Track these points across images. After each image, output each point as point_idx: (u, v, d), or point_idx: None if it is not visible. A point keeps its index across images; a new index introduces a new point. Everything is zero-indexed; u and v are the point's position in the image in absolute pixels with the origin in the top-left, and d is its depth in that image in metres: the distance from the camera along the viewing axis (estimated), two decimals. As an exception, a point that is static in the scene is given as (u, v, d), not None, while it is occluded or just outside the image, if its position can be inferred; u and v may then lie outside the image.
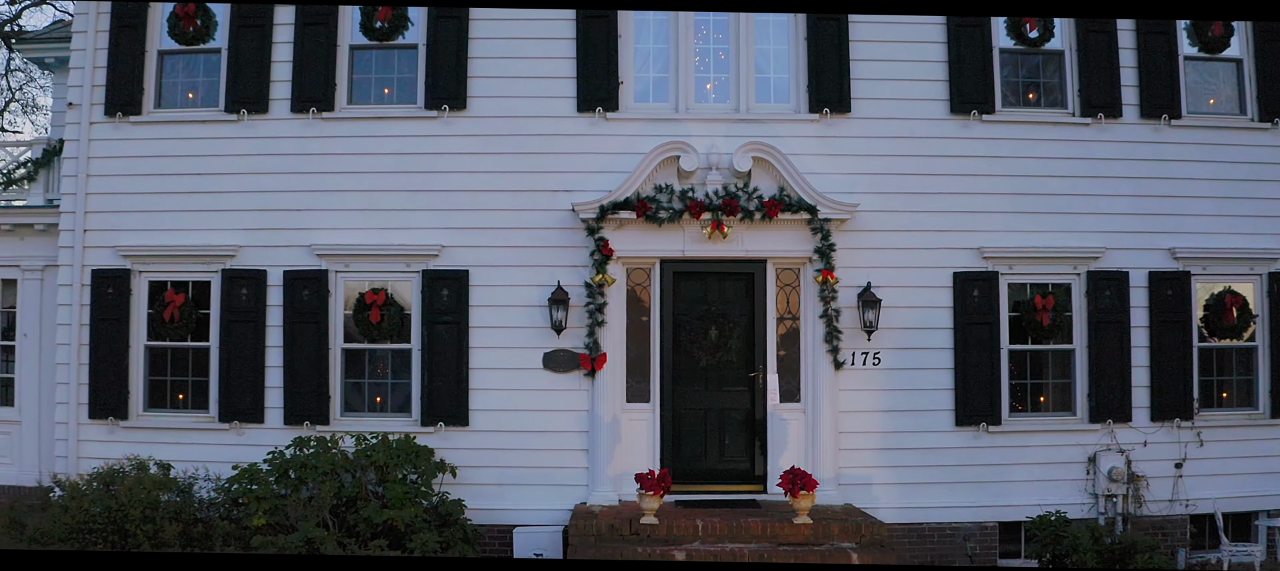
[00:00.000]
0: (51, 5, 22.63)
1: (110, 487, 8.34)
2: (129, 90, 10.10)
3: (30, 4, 22.72)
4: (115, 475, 8.51)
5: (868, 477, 9.47)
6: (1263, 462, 10.13)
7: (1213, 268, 10.24)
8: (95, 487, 8.41)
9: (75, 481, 8.63)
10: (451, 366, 9.58)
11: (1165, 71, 10.26)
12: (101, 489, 8.35)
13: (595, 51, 9.80)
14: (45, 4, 22.82)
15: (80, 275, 9.99)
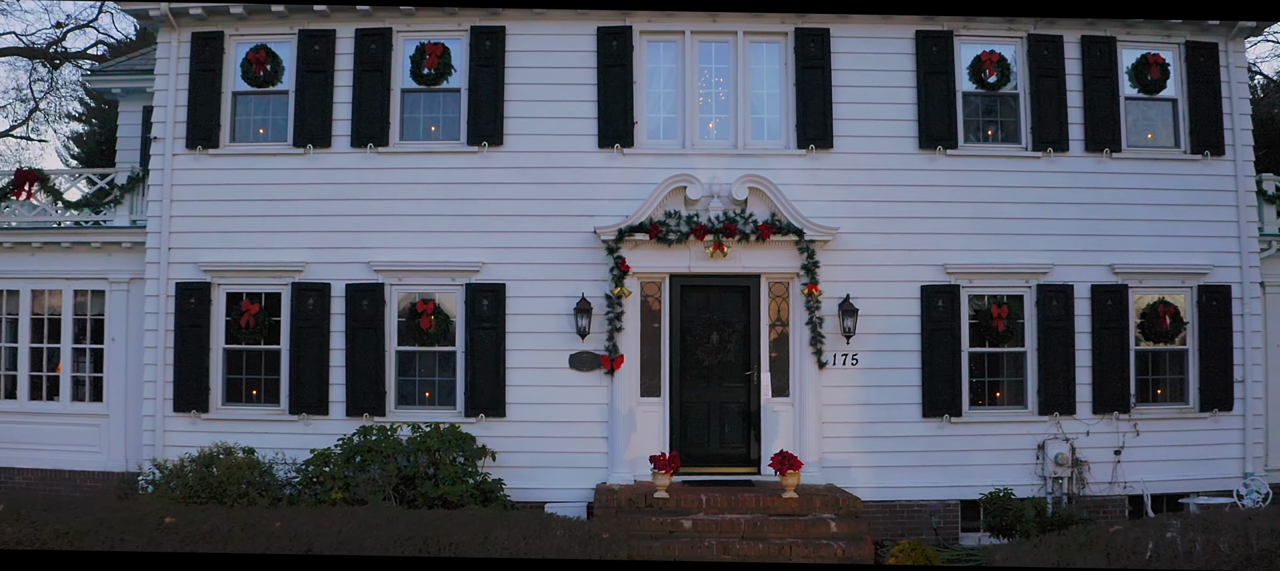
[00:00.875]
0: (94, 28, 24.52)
1: (209, 467, 10.23)
2: (207, 126, 12.01)
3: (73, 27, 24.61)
4: (212, 457, 10.42)
5: (847, 461, 11.40)
6: (1192, 450, 12.06)
7: (1148, 281, 12.18)
8: (194, 467, 10.30)
9: (178, 462, 10.51)
10: (491, 366, 11.50)
11: (1108, 110, 12.21)
12: (201, 468, 10.25)
13: (613, 95, 11.74)
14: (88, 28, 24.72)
15: (165, 287, 11.90)
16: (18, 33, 38.83)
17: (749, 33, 11.93)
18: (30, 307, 12.83)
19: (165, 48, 12.21)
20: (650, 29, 11.91)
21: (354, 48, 11.93)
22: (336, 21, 11.95)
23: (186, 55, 12.13)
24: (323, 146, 11.88)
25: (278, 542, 6.39)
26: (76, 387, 12.71)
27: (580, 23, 11.81)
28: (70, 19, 27.49)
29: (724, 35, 11.96)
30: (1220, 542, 7.19)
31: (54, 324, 12.78)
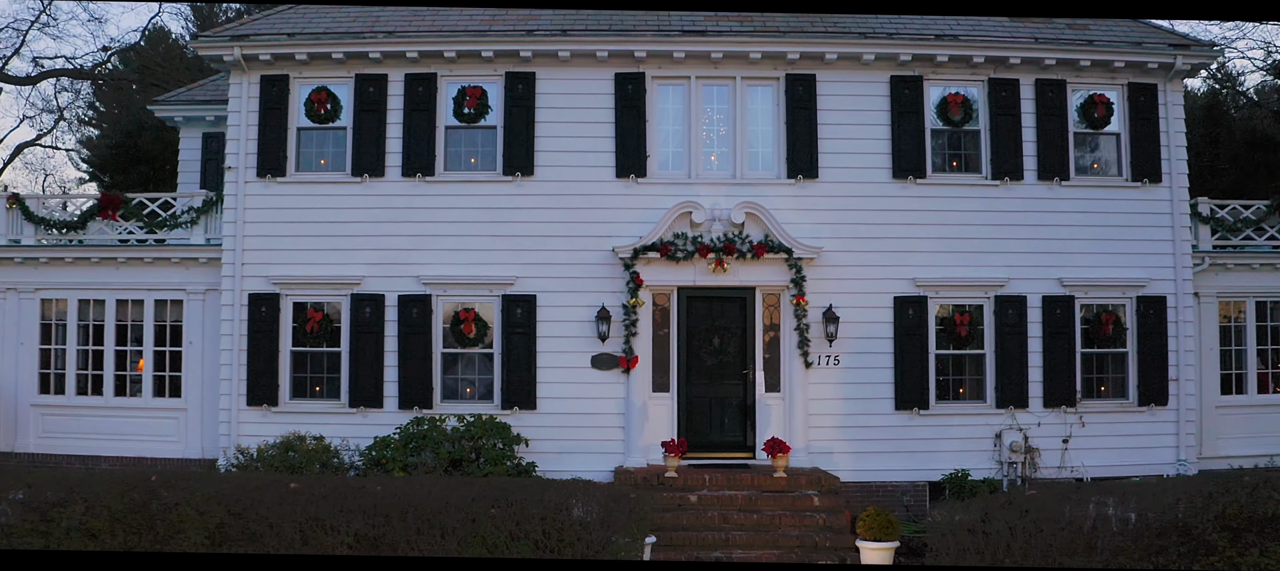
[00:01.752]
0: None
1: (289, 451, 12.44)
2: (275, 157, 14.24)
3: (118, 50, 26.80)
4: (290, 443, 12.64)
5: (830, 447, 13.63)
6: (1131, 440, 14.28)
7: (1093, 292, 14.43)
8: (275, 451, 12.51)
9: (261, 447, 12.72)
10: (523, 365, 13.73)
11: (1058, 144, 14.46)
12: (282, 451, 12.46)
13: (629, 132, 13.98)
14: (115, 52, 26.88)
15: (240, 298, 14.12)
16: (67, 56, 41.34)
17: (746, 77, 14.18)
18: (115, 315, 15.04)
19: (237, 88, 14.44)
20: (660, 74, 14.15)
21: (404, 89, 14.17)
22: (388, 67, 14.18)
23: (256, 95, 14.36)
24: (377, 175, 14.11)
25: (381, 502, 8.57)
26: (157, 385, 14.92)
27: (600, 69, 14.05)
28: (114, 43, 29.63)
29: (724, 80, 14.21)
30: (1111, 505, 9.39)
31: (136, 329, 14.99)
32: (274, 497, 8.76)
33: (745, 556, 11.34)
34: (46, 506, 8.83)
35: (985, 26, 14.52)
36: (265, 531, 8.46)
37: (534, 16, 14.35)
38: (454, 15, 14.41)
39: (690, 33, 13.96)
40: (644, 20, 14.19)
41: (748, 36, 13.97)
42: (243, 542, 8.50)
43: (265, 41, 14.12)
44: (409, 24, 14.26)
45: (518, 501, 8.73)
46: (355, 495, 8.81)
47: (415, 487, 9.07)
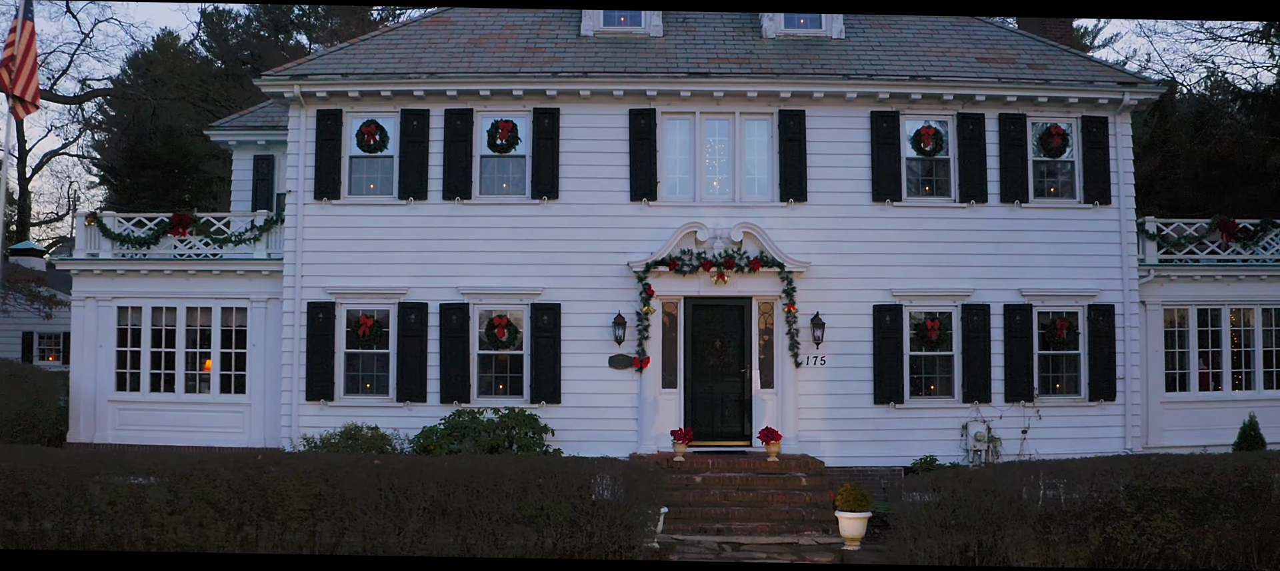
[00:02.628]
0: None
1: (351, 439, 14.73)
2: (330, 182, 16.53)
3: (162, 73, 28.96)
4: (350, 431, 14.93)
5: (817, 436, 15.93)
6: (1083, 431, 16.54)
7: (1049, 301, 16.73)
8: (339, 439, 14.80)
9: (325, 436, 15.01)
10: (549, 365, 16.03)
11: (1019, 170, 16.75)
12: (345, 439, 14.75)
13: (641, 161, 16.27)
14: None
15: (299, 306, 16.41)
16: (111, 77, 43.93)
17: (744, 113, 16.48)
18: (185, 321, 17.32)
19: (296, 120, 16.72)
20: (669, 110, 16.46)
21: (444, 123, 16.46)
22: (430, 103, 16.47)
23: (313, 127, 16.66)
24: (420, 199, 16.41)
25: (449, 474, 10.81)
26: (223, 383, 17.21)
27: (616, 106, 16.36)
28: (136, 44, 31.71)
29: (724, 115, 16.51)
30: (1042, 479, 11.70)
31: (204, 333, 17.26)
32: (362, 471, 11.05)
33: (743, 526, 13.64)
34: (175, 480, 11.11)
35: (955, 68, 16.82)
36: (356, 497, 10.75)
37: (558, 59, 16.66)
38: (488, 58, 16.72)
39: (695, 74, 16.27)
40: (655, 63, 16.51)
41: (745, 77, 16.28)
42: (337, 506, 10.79)
43: (321, 80, 16.41)
44: (448, 66, 16.55)
45: (558, 474, 11.02)
46: (427, 469, 11.11)
47: (475, 463, 11.36)
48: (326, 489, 10.85)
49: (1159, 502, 11.41)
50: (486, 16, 18.20)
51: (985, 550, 11.35)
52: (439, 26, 17.96)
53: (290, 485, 10.86)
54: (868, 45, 17.47)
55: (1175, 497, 11.45)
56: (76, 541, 11.73)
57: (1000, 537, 11.47)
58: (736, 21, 18.06)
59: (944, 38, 17.81)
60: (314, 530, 11.07)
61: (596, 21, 17.56)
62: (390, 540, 11.08)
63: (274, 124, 19.80)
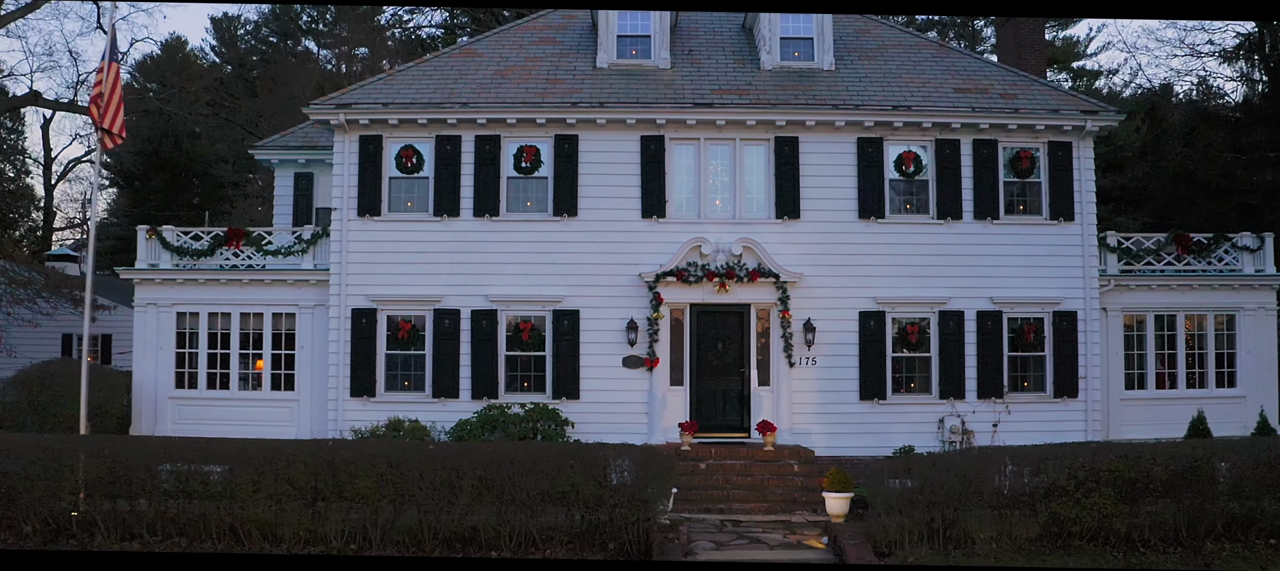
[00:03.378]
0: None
1: (397, 431, 16.87)
2: (371, 201, 18.67)
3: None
4: (395, 424, 17.06)
5: (808, 428, 18.08)
6: (1048, 425, 18.64)
7: (1018, 308, 18.88)
8: (385, 430, 16.94)
9: (372, 427, 17.14)
10: (569, 364, 18.17)
11: (991, 190, 18.90)
12: (391, 431, 16.89)
13: (651, 182, 18.42)
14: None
15: (344, 312, 18.55)
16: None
17: (743, 139, 18.63)
18: (239, 325, 19.46)
19: (340, 144, 18.86)
20: (676, 137, 18.61)
21: (474, 148, 18.60)
22: (462, 130, 18.61)
23: (356, 151, 18.80)
24: (453, 216, 18.55)
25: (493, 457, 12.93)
26: (273, 381, 19.35)
27: (629, 133, 18.50)
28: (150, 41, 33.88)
29: (726, 141, 18.66)
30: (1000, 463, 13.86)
31: (256, 336, 19.40)
32: (419, 455, 13.20)
33: (742, 506, 15.80)
34: (258, 462, 13.26)
35: (933, 99, 18.97)
36: (416, 476, 12.90)
37: (577, 90, 18.81)
38: (513, 89, 18.88)
39: (700, 105, 18.43)
40: (663, 94, 18.67)
41: (745, 107, 18.44)
42: (399, 483, 12.93)
43: (364, 109, 18.56)
44: (478, 96, 18.70)
45: (585, 458, 13.18)
46: (475, 453, 13.27)
47: (516, 449, 13.53)
48: (389, 470, 13.01)
49: (1096, 483, 13.60)
50: (510, 49, 20.34)
51: (947, 522, 13.52)
52: (467, 58, 20.11)
53: (359, 466, 13.02)
54: (855, 76, 19.63)
55: (1110, 479, 13.64)
56: (169, 518, 13.89)
57: (962, 513, 13.65)
58: (737, 55, 20.22)
59: (924, 70, 19.96)
60: (377, 505, 13.23)
61: (610, 55, 19.71)
62: (442, 515, 13.25)
63: (312, 144, 21.97)
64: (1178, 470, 13.82)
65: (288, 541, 13.57)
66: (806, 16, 19.96)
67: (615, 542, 13.37)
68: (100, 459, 14.40)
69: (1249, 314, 20.19)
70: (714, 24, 21.57)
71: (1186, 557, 13.83)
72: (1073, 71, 56.37)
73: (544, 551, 13.24)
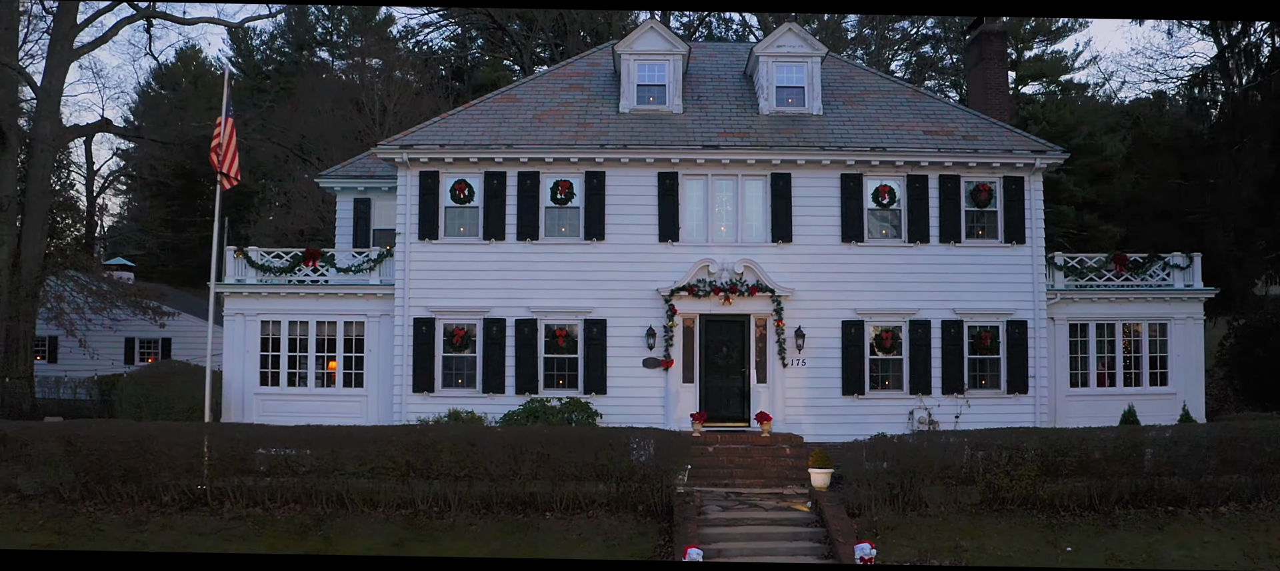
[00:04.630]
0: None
1: (456, 420, 20.87)
2: (430, 227, 22.68)
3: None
4: (455, 414, 21.06)
5: (799, 419, 22.10)
6: (1003, 416, 22.56)
7: (976, 318, 22.90)
8: (448, 419, 20.94)
9: (435, 418, 21.14)
10: (598, 365, 22.19)
11: (954, 218, 22.91)
12: (452, 419, 20.89)
13: (667, 211, 22.43)
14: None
15: (407, 321, 22.56)
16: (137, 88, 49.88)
17: (744, 175, 22.64)
18: (315, 332, 23.45)
19: (403, 179, 22.85)
20: (687, 173, 22.62)
21: (517, 182, 22.61)
22: (506, 167, 22.62)
23: (417, 184, 22.79)
24: (499, 239, 22.56)
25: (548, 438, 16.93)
26: (345, 379, 23.34)
27: (647, 170, 22.51)
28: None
29: (730, 176, 22.68)
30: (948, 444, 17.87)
31: (330, 341, 23.39)
32: (491, 436, 17.25)
33: (743, 481, 19.81)
34: (364, 444, 17.26)
35: (905, 141, 22.97)
36: (489, 454, 16.88)
37: (603, 133, 22.83)
38: (549, 131, 22.89)
39: (708, 147, 22.44)
40: (677, 136, 22.69)
41: (746, 148, 22.45)
42: (475, 458, 16.94)
43: (423, 149, 22.56)
44: (520, 138, 22.70)
45: (619, 440, 17.20)
46: (534, 434, 17.32)
47: (566, 432, 17.57)
48: (469, 448, 17.06)
49: (1021, 459, 17.64)
50: (545, 94, 24.38)
51: (905, 490, 17.57)
52: (508, 103, 24.13)
53: (444, 445, 17.06)
54: (840, 120, 23.65)
55: (1034, 457, 17.69)
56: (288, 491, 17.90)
57: (916, 483, 17.69)
58: (739, 100, 24.26)
59: (899, 113, 23.98)
60: (456, 477, 17.25)
61: (631, 101, 23.73)
62: (507, 485, 17.27)
63: (370, 174, 25.98)
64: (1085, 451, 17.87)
65: (383, 505, 17.63)
66: (798, 66, 23.98)
67: (643, 505, 17.44)
68: (224, 441, 18.46)
69: (1179, 323, 24.21)
70: (719, 72, 25.62)
71: (1098, 519, 17.89)
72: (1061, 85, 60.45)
73: (588, 513, 17.31)
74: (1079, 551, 16.96)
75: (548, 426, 19.90)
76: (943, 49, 61.91)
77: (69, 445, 18.30)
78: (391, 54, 65.39)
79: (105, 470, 18.15)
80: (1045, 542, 17.12)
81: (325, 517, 17.51)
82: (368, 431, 17.79)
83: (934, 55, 62.60)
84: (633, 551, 16.32)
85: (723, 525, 16.86)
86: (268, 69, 71.09)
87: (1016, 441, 17.77)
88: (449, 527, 17.04)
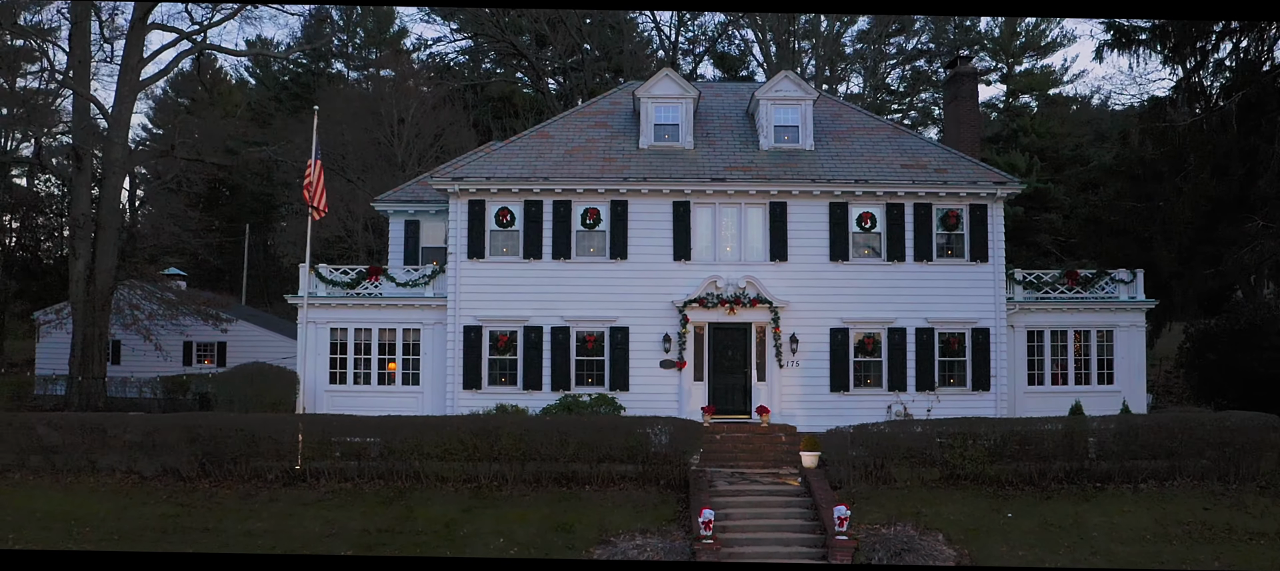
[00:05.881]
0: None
1: (504, 411, 25.41)
2: (477, 247, 27.23)
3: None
4: (502, 408, 25.61)
5: (793, 412, 26.65)
6: (968, 410, 27.08)
7: (946, 325, 27.46)
8: (494, 412, 25.48)
9: (484, 411, 25.68)
10: (621, 366, 26.74)
11: (926, 240, 27.47)
12: (500, 413, 25.43)
13: (680, 234, 26.98)
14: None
15: (458, 328, 27.11)
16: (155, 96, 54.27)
17: (747, 203, 27.19)
18: (378, 338, 27.98)
19: (455, 206, 27.39)
20: (698, 202, 27.16)
21: (552, 209, 27.15)
22: (542, 196, 27.15)
23: (466, 211, 27.33)
24: (537, 258, 27.10)
25: (587, 424, 21.45)
26: (403, 378, 27.87)
27: (664, 199, 27.04)
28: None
29: (734, 204, 27.22)
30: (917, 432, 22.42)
31: (390, 346, 27.91)
32: (541, 424, 21.80)
33: (746, 463, 24.35)
34: (436, 430, 21.78)
35: (885, 174, 27.50)
36: (539, 440, 21.41)
37: (626, 167, 27.36)
38: (579, 166, 27.42)
39: (715, 179, 26.97)
40: (688, 170, 27.22)
41: (748, 181, 26.99)
42: (528, 442, 21.45)
43: (472, 181, 27.09)
44: (554, 172, 27.21)
45: (641, 428, 21.76)
46: (577, 422, 21.87)
47: (599, 421, 22.11)
48: (524, 433, 21.61)
49: (971, 445, 22.22)
50: (574, 132, 28.94)
51: (877, 468, 22.12)
52: (543, 140, 28.68)
53: (504, 430, 21.61)
54: (829, 155, 28.19)
55: (980, 442, 22.26)
56: (371, 470, 22.43)
57: (887, 463, 22.25)
58: (742, 137, 28.81)
59: (880, 149, 28.53)
60: (513, 457, 21.79)
61: (649, 138, 28.27)
62: (554, 465, 21.80)
63: (418, 199, 30.52)
64: (1024, 437, 22.44)
65: (452, 481, 22.16)
66: (794, 108, 28.53)
67: (664, 480, 21.99)
68: (316, 429, 23.00)
69: (1123, 329, 28.76)
70: (725, 111, 30.18)
71: (1036, 493, 22.43)
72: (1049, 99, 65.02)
73: (619, 486, 21.85)
74: (1018, 517, 21.48)
75: (582, 417, 24.45)
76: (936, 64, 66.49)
77: (190, 433, 22.83)
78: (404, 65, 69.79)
79: (220, 453, 22.69)
80: (991, 510, 21.65)
81: (405, 490, 22.06)
82: (439, 420, 22.36)
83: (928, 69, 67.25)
84: (657, 516, 20.85)
85: (729, 495, 21.41)
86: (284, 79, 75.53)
87: (970, 429, 22.32)
88: (507, 498, 21.60)
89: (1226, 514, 22.17)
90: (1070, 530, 21.33)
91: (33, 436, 24.11)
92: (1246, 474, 23.13)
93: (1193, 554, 20.92)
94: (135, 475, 23.78)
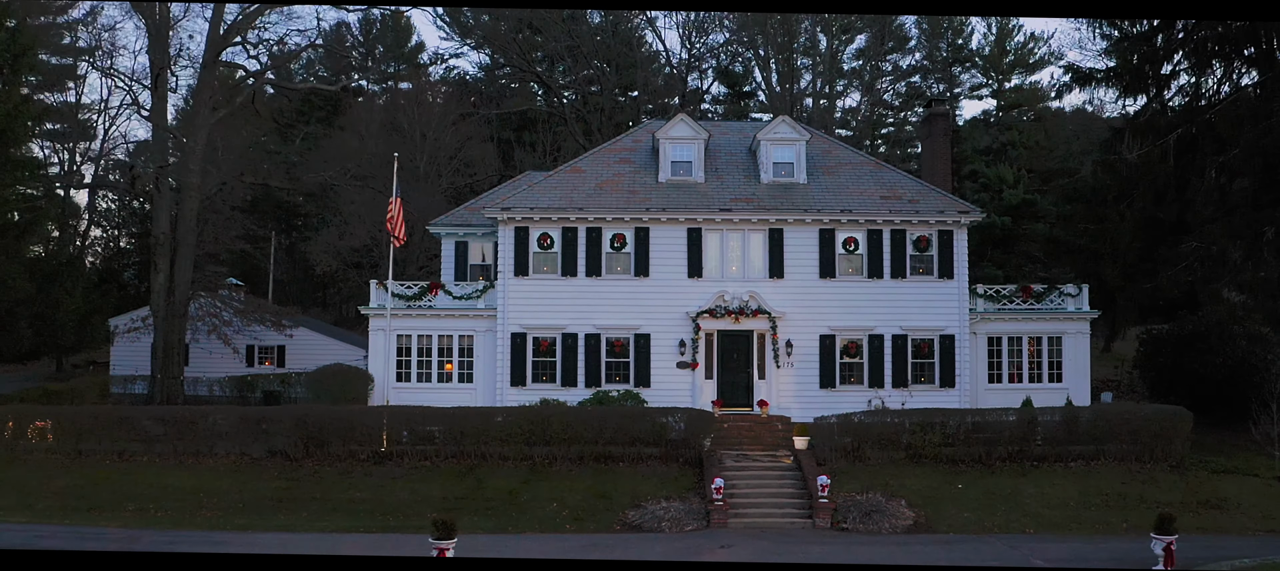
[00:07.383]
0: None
1: (547, 405, 31.66)
2: (522, 266, 33.52)
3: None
4: (546, 402, 31.86)
5: (789, 405, 32.89)
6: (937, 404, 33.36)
7: (918, 333, 33.73)
8: (540, 405, 31.74)
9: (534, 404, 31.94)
10: (644, 366, 33.00)
11: (902, 260, 33.74)
12: (544, 405, 31.68)
13: (694, 255, 33.26)
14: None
15: (506, 335, 33.38)
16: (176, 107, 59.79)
17: (750, 230, 33.45)
18: (437, 343, 34.24)
19: (503, 232, 33.63)
20: (708, 228, 33.42)
21: (586, 234, 33.40)
22: (578, 223, 33.40)
23: (512, 236, 33.59)
24: (573, 276, 33.37)
25: (622, 413, 27.62)
26: (459, 378, 34.13)
27: (679, 226, 33.28)
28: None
29: (738, 230, 33.48)
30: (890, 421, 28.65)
31: (448, 350, 34.16)
32: (583, 413, 28.06)
33: (749, 447, 30.60)
34: (504, 416, 28.03)
35: (866, 204, 33.73)
36: (580, 427, 27.61)
37: (647, 199, 33.61)
38: (608, 197, 33.66)
39: (723, 210, 33.23)
40: (700, 201, 33.48)
41: (751, 211, 33.24)
42: (575, 428, 27.67)
43: (519, 211, 33.35)
44: (587, 203, 33.45)
45: (663, 417, 28.03)
46: (611, 412, 28.14)
47: (629, 411, 28.39)
48: (572, 420, 27.88)
49: (929, 430, 28.51)
50: (602, 167, 35.20)
51: (855, 449, 28.40)
52: (576, 175, 34.95)
53: (554, 419, 27.88)
54: (820, 188, 34.43)
55: (937, 429, 28.56)
56: (444, 451, 28.71)
57: (863, 445, 28.53)
58: (745, 172, 35.08)
59: (864, 182, 34.77)
60: (561, 440, 28.05)
61: (667, 173, 34.52)
62: (593, 447, 28.05)
63: (466, 223, 36.79)
64: (973, 425, 28.73)
65: (512, 460, 28.41)
66: (789, 147, 34.76)
67: (682, 459, 28.27)
68: (399, 418, 29.31)
69: (1071, 336, 35.01)
70: (731, 148, 36.47)
71: (983, 469, 28.70)
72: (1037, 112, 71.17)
73: (646, 463, 28.11)
74: (967, 488, 27.75)
75: (613, 408, 30.74)
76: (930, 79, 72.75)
77: (299, 421, 29.09)
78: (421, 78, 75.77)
79: (323, 437, 28.95)
80: (945, 482, 27.92)
81: (474, 466, 28.32)
82: (500, 411, 28.65)
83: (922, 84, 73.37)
84: (678, 486, 27.12)
85: (735, 470, 27.68)
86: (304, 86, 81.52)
87: (931, 419, 28.58)
88: (557, 472, 27.86)
89: (1140, 487, 28.40)
90: (1009, 498, 27.59)
91: (158, 425, 30.35)
92: (1160, 455, 29.34)
93: (1107, 517, 27.16)
94: (247, 456, 30.00)
